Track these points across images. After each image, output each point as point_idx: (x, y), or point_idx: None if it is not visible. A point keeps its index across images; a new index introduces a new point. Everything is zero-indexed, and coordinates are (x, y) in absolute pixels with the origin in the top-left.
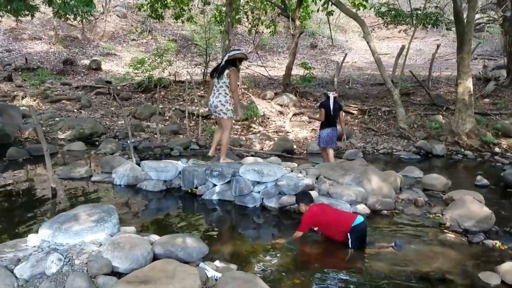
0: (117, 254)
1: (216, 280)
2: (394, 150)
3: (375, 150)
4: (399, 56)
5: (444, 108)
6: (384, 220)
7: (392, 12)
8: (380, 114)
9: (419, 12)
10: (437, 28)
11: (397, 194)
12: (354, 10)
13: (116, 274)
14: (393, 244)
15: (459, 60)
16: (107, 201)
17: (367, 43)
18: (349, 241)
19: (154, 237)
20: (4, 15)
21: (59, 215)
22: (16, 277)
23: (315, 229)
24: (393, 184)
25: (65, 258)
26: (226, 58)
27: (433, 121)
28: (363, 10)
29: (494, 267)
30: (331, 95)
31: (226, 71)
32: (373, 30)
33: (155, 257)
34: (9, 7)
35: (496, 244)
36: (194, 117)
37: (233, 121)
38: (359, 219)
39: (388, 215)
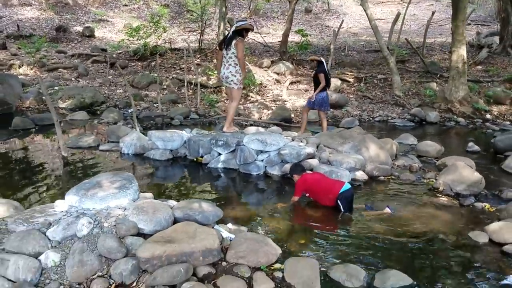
0: (142, 217)
1: (230, 240)
2: (389, 118)
3: (371, 118)
4: (395, 23)
5: (438, 76)
6: (381, 185)
7: None
8: (376, 82)
9: None
10: None
11: (393, 160)
12: None
13: (142, 235)
14: (387, 209)
15: (453, 28)
16: (117, 169)
17: (364, 10)
18: (341, 206)
19: (172, 202)
20: None
21: (83, 182)
22: (49, 239)
23: (307, 195)
24: (389, 151)
25: (94, 221)
26: (233, 29)
27: (427, 88)
28: None
29: (483, 227)
30: (324, 60)
31: (234, 41)
32: None
33: (175, 220)
34: None
35: (485, 206)
36: (192, 86)
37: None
38: (346, 185)
39: (385, 181)
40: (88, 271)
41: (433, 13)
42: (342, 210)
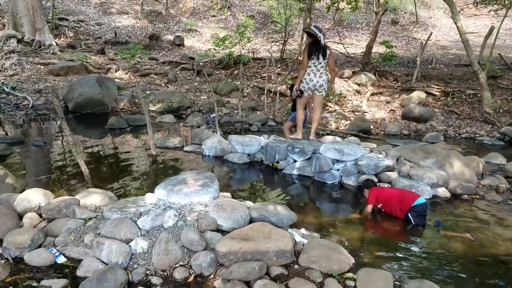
0: (221, 214)
1: (303, 245)
2: (477, 135)
3: (457, 134)
4: (488, 37)
5: None
6: (464, 204)
7: None
8: (464, 97)
9: None
10: None
11: (479, 179)
12: None
13: (220, 231)
14: (468, 234)
15: None
16: (199, 169)
17: (455, 23)
18: (411, 219)
19: (249, 203)
20: None
21: (170, 178)
22: (139, 228)
23: (379, 206)
24: (475, 169)
25: (179, 215)
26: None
27: None
28: None
29: None
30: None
31: (328, 52)
32: (462, 10)
33: (251, 220)
34: None
35: None
36: (272, 94)
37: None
38: (420, 200)
39: (468, 200)
40: (172, 260)
41: None
42: (413, 223)
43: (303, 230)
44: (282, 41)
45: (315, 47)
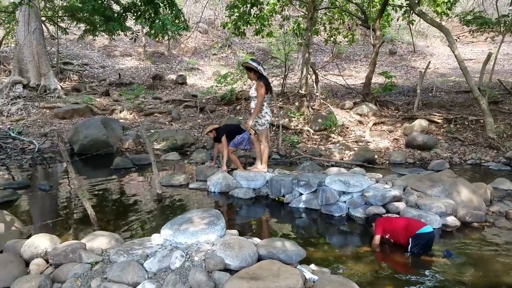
0: (228, 253)
1: (313, 281)
2: (482, 161)
3: (462, 161)
4: (486, 63)
5: None
6: (474, 232)
7: (479, 20)
8: (467, 123)
9: (508, 19)
10: None
11: (488, 206)
12: (437, 19)
13: (228, 270)
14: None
15: None
16: (205, 206)
17: (452, 51)
18: (409, 245)
19: (256, 240)
20: (99, 34)
21: (176, 218)
22: (146, 270)
23: (387, 236)
24: (483, 196)
25: (186, 255)
26: (265, 72)
27: None
28: (446, 18)
29: None
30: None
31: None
32: (458, 38)
33: (259, 258)
34: (104, 27)
35: None
36: (274, 128)
37: (312, 132)
38: (427, 228)
39: (478, 228)
40: None
41: None
42: (408, 250)
43: (312, 266)
44: (283, 76)
45: (267, 82)
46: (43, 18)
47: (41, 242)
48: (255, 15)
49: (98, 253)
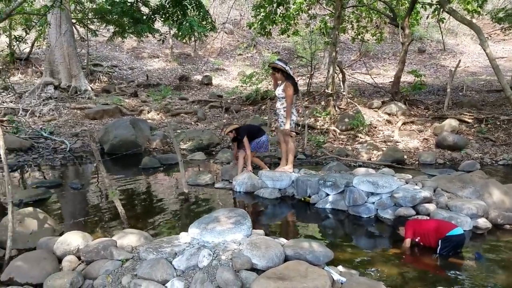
0: (255, 252)
1: (341, 283)
2: None
3: (493, 162)
4: None
5: None
6: (506, 234)
7: (511, 18)
8: (499, 123)
9: None
10: None
11: None
12: (468, 17)
13: (255, 270)
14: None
15: None
16: (230, 206)
17: (484, 50)
18: (439, 247)
19: (283, 240)
20: (127, 36)
21: (203, 217)
22: (175, 268)
23: (417, 240)
24: None
25: (213, 254)
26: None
27: None
28: (477, 16)
29: None
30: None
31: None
32: (489, 36)
33: (286, 258)
34: (133, 29)
35: None
36: (300, 128)
37: (338, 131)
38: (457, 230)
39: (510, 230)
40: None
41: None
42: (437, 252)
43: (340, 268)
44: (309, 75)
45: (294, 82)
46: (74, 21)
47: (73, 239)
48: (281, 14)
49: (129, 250)
